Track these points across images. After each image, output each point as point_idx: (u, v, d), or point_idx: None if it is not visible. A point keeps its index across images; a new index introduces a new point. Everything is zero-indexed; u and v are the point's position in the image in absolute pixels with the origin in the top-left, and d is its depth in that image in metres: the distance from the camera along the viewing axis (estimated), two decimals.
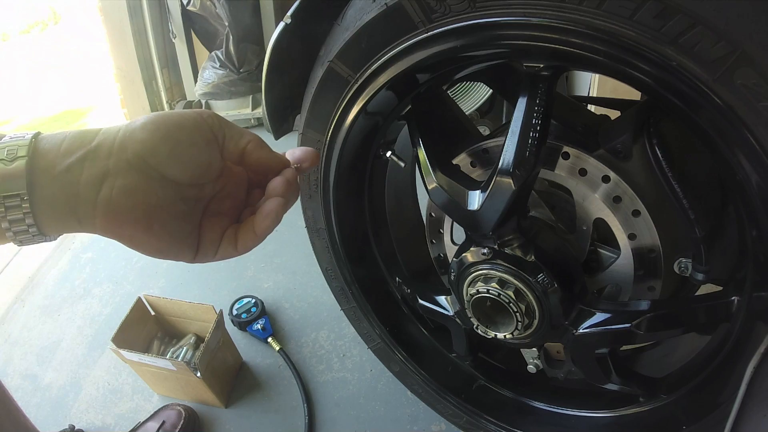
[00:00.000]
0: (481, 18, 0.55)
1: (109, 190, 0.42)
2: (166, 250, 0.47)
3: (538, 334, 0.75)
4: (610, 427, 0.86)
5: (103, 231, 0.44)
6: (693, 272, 0.68)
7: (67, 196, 0.42)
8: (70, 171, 0.42)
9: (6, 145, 0.41)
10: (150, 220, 0.44)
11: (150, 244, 0.45)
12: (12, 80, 4.42)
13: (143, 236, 0.45)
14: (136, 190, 0.43)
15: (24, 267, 1.92)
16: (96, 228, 0.43)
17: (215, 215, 0.50)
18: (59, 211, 0.42)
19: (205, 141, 0.46)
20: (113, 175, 0.42)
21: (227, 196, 0.51)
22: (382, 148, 0.87)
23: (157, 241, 0.45)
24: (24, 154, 0.41)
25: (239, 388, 1.34)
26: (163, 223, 0.45)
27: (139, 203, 0.43)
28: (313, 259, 1.02)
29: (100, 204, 0.42)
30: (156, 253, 0.47)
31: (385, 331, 1.02)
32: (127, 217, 0.43)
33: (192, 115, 0.46)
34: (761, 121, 0.46)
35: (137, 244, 0.45)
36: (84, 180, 0.42)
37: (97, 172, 0.42)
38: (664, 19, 0.46)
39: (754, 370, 0.52)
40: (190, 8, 2.27)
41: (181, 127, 0.45)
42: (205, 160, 0.46)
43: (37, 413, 1.37)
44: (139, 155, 0.43)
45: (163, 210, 0.45)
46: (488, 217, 0.69)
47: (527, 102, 0.62)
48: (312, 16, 0.70)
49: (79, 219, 0.43)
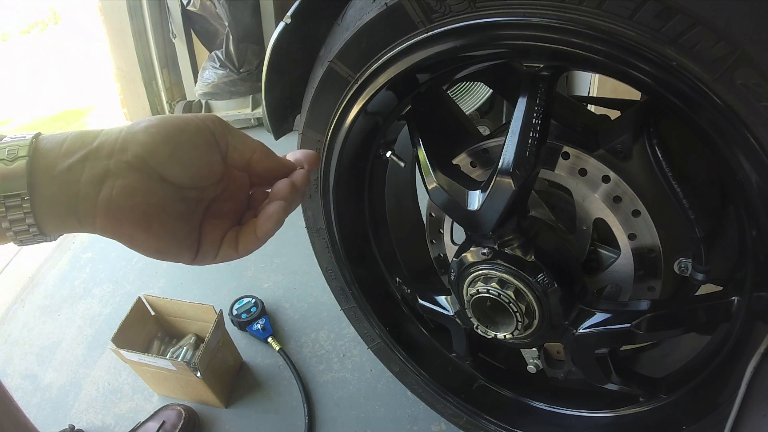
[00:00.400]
0: (481, 18, 0.55)
1: (109, 189, 0.42)
2: (165, 250, 0.47)
3: (538, 334, 0.75)
4: (610, 427, 0.86)
5: (102, 231, 0.44)
6: (693, 272, 0.68)
7: (67, 196, 0.42)
8: (71, 171, 0.42)
9: (6, 145, 0.41)
10: (150, 220, 0.44)
11: (149, 244, 0.45)
12: (12, 80, 4.42)
13: (143, 236, 0.45)
14: (137, 190, 0.43)
15: (24, 267, 1.92)
16: (96, 227, 0.44)
17: (216, 217, 0.50)
18: (59, 211, 0.42)
19: (207, 144, 0.46)
20: (114, 175, 0.42)
21: (229, 199, 0.51)
22: (382, 148, 0.87)
23: (156, 241, 0.45)
24: (25, 154, 0.41)
25: (239, 388, 1.34)
26: (163, 223, 0.45)
27: (139, 203, 0.43)
28: (313, 259, 1.02)
29: (100, 204, 0.42)
30: (155, 254, 0.47)
31: (385, 331, 1.02)
32: (127, 217, 0.43)
33: (194, 119, 0.46)
34: (761, 121, 0.46)
35: (137, 244, 0.45)
36: (85, 180, 0.42)
37: (98, 172, 0.42)
38: (664, 19, 0.46)
39: (754, 370, 0.52)
40: (190, 8, 2.27)
41: (182, 130, 0.45)
42: (205, 163, 0.46)
43: (37, 413, 1.37)
44: (140, 156, 0.43)
45: (163, 210, 0.45)
46: (488, 217, 0.69)
47: (527, 102, 0.62)
48: (312, 16, 0.70)
49: (79, 218, 0.43)
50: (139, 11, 2.39)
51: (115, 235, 0.45)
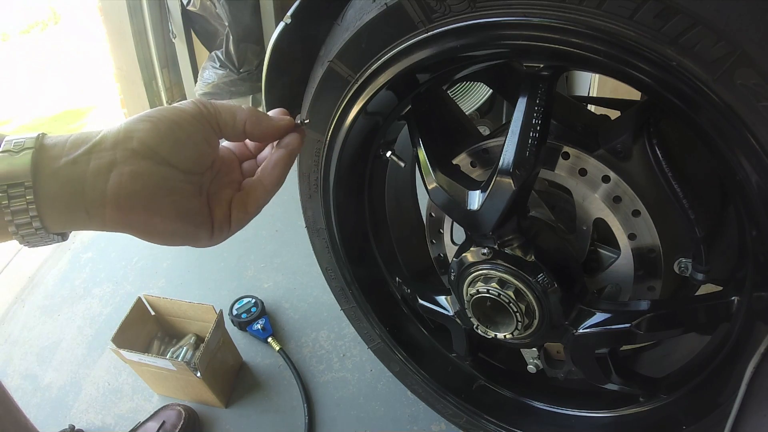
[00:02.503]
0: (481, 18, 0.55)
1: (117, 177, 0.42)
2: (181, 232, 0.47)
3: (538, 334, 0.75)
4: (610, 427, 0.86)
5: (113, 222, 0.44)
6: (693, 272, 0.68)
7: (74, 188, 0.42)
8: (76, 163, 0.42)
9: (13, 139, 0.43)
10: (161, 203, 0.44)
11: (164, 227, 0.45)
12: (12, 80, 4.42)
13: (156, 219, 0.45)
14: (145, 174, 0.43)
15: (24, 267, 1.92)
16: (105, 219, 0.43)
17: (219, 191, 0.51)
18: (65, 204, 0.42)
19: (204, 137, 0.48)
20: (121, 163, 0.43)
21: (226, 172, 0.53)
22: (382, 148, 0.87)
23: (171, 223, 0.45)
24: (31, 146, 0.42)
25: (239, 388, 1.34)
26: (174, 203, 0.45)
27: (148, 186, 0.43)
28: (313, 259, 1.02)
29: (110, 192, 0.42)
30: (171, 237, 0.47)
31: (385, 331, 1.02)
32: (137, 202, 0.43)
33: (188, 111, 0.47)
34: (761, 121, 0.46)
35: (151, 230, 0.45)
36: (91, 171, 0.42)
37: (104, 163, 0.43)
38: (664, 19, 0.46)
39: (754, 370, 0.52)
40: (190, 8, 2.27)
41: (179, 126, 0.46)
42: (205, 147, 0.48)
43: (37, 413, 1.37)
44: (145, 143, 0.44)
45: (172, 192, 0.45)
46: (488, 217, 0.69)
47: (527, 102, 0.62)
48: (312, 16, 0.70)
49: (87, 211, 0.43)
50: (139, 11, 2.38)
51: (127, 225, 0.44)
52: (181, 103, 0.47)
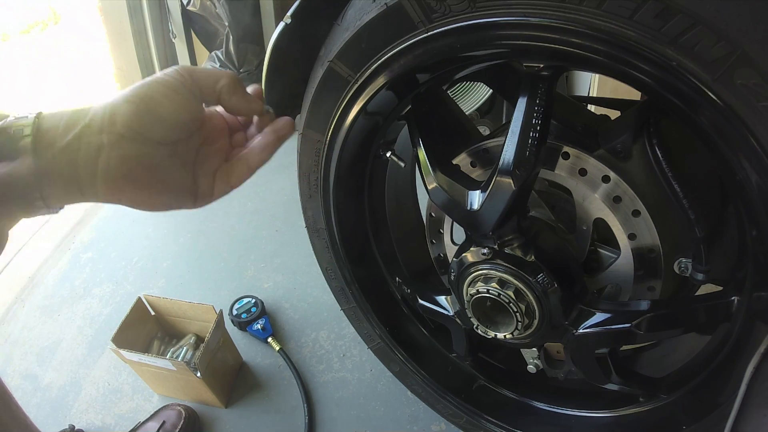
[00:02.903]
0: (480, 18, 0.55)
1: (106, 161, 0.47)
2: (168, 202, 0.52)
3: (538, 334, 0.75)
4: (610, 427, 0.86)
5: (105, 198, 0.48)
6: (693, 272, 0.68)
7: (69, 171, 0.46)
8: (69, 148, 0.46)
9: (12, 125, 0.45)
10: (148, 180, 0.49)
11: (152, 200, 0.51)
12: (12, 80, 4.42)
13: (144, 195, 0.50)
14: (131, 157, 0.47)
15: (24, 267, 1.91)
16: (98, 196, 0.48)
17: (205, 160, 0.55)
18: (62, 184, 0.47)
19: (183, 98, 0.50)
20: (108, 147, 0.46)
21: (213, 141, 0.56)
22: (382, 148, 0.87)
23: (158, 196, 0.51)
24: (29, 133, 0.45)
25: (239, 388, 1.34)
26: (161, 179, 0.50)
27: (135, 168, 0.48)
28: (313, 259, 1.02)
29: (100, 175, 0.47)
30: (160, 207, 0.52)
31: (385, 331, 1.02)
32: (126, 182, 0.48)
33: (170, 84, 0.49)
34: (761, 121, 0.46)
35: (140, 203, 0.50)
36: (83, 156, 0.46)
37: (93, 147, 0.46)
38: (664, 19, 0.46)
39: (754, 370, 0.52)
40: (190, 8, 2.27)
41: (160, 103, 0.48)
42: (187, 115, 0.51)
43: (37, 413, 1.37)
44: (128, 125, 0.47)
45: (158, 169, 0.49)
46: (488, 217, 0.69)
47: (527, 102, 0.62)
48: (312, 16, 0.70)
49: (81, 190, 0.47)
50: (139, 11, 2.38)
51: (118, 200, 0.49)
52: (164, 73, 0.50)
